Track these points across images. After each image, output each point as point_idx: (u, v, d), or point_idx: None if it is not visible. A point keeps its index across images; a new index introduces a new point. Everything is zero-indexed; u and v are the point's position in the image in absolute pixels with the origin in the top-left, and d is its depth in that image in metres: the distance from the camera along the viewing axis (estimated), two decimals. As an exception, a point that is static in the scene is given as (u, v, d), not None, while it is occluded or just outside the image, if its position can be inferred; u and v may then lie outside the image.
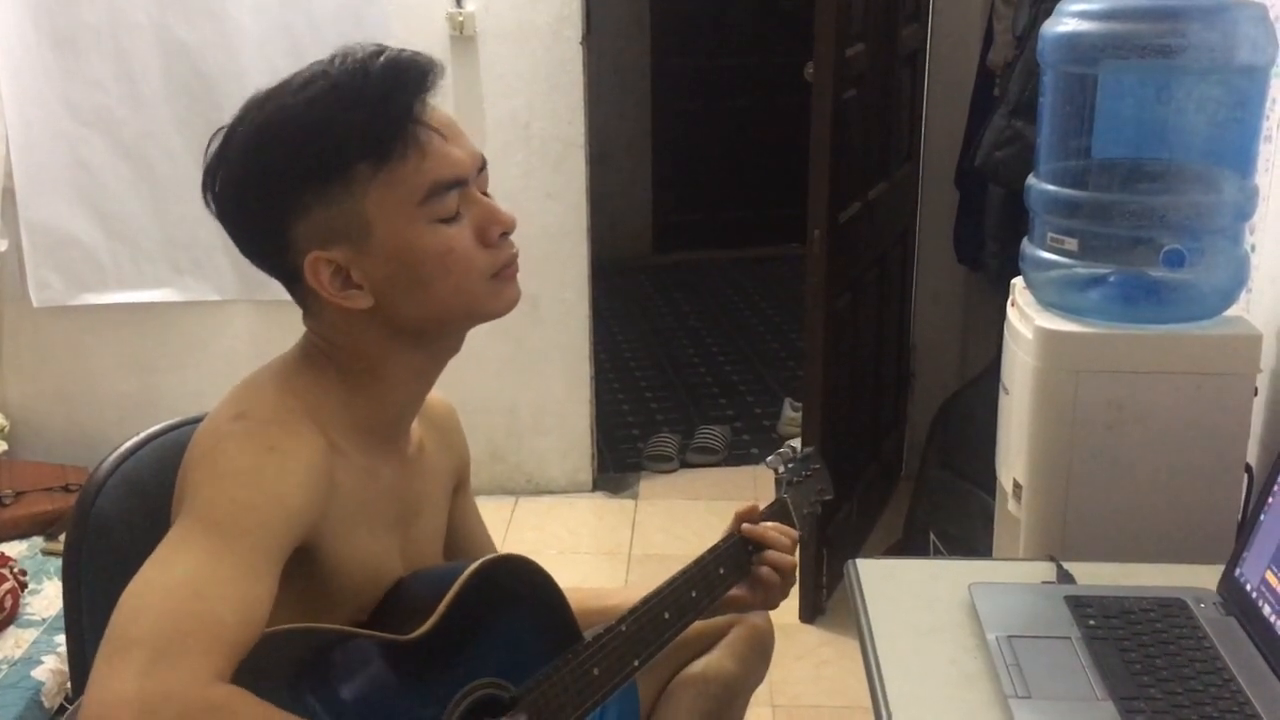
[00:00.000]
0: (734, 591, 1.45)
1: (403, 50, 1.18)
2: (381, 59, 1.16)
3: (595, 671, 1.24)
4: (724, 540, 1.46)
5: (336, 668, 1.11)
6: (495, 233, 1.20)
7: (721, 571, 1.43)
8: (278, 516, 1.08)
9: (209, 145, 1.19)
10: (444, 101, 1.20)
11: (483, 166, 1.22)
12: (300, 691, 1.08)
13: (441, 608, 1.18)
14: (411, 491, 1.30)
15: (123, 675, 0.95)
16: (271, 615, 1.06)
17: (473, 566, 1.22)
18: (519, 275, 1.25)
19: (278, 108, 1.15)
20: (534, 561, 1.28)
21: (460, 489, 1.45)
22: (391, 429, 1.26)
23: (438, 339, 1.24)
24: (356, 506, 1.20)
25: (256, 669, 1.02)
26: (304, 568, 1.14)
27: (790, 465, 1.63)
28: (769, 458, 1.64)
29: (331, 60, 1.17)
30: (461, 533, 1.46)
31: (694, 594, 1.37)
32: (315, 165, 1.13)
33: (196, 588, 1.01)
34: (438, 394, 1.35)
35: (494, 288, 1.21)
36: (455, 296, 1.19)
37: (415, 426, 1.32)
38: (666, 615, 1.33)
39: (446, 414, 1.42)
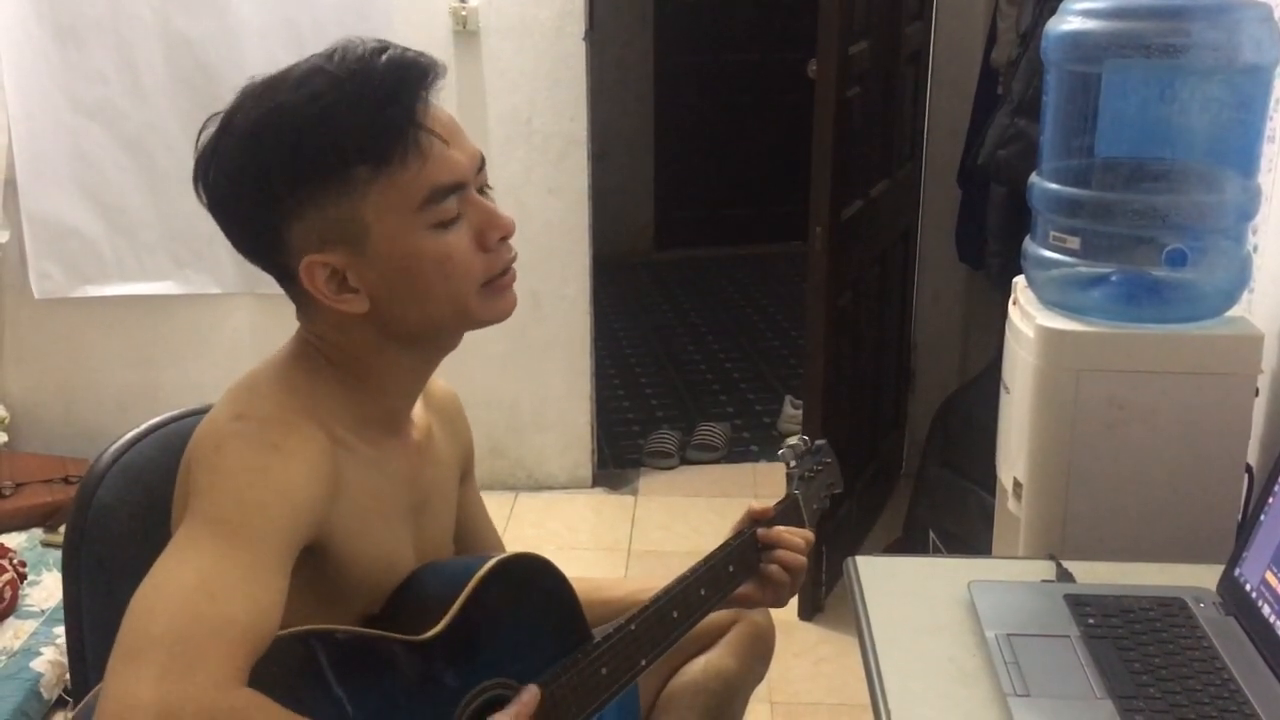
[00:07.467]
0: (742, 589, 1.44)
1: (406, 49, 1.15)
2: (384, 58, 1.13)
3: (603, 671, 1.23)
4: (734, 537, 1.44)
5: (350, 670, 1.10)
6: (494, 237, 1.18)
7: (731, 569, 1.41)
8: (285, 515, 1.07)
9: (200, 133, 1.16)
10: (446, 97, 1.18)
11: (481, 165, 1.20)
12: (315, 694, 1.07)
13: (456, 606, 1.17)
14: (422, 479, 1.28)
15: (140, 679, 0.94)
16: (284, 613, 1.05)
17: (489, 565, 1.21)
18: (520, 273, 1.23)
19: (275, 105, 1.12)
20: (549, 561, 1.27)
21: (465, 478, 1.43)
22: (393, 418, 1.25)
23: (432, 342, 1.23)
24: (367, 499, 1.19)
25: (271, 672, 1.01)
26: (315, 564, 1.13)
27: (803, 459, 1.59)
28: (781, 450, 1.60)
29: (331, 55, 1.13)
30: (467, 524, 1.44)
31: (703, 592, 1.36)
32: (313, 166, 1.10)
33: (210, 590, 1.00)
34: (441, 381, 1.34)
35: (487, 296, 1.19)
36: (450, 303, 1.17)
37: (421, 413, 1.30)
38: (675, 614, 1.32)
39: (450, 401, 1.40)
